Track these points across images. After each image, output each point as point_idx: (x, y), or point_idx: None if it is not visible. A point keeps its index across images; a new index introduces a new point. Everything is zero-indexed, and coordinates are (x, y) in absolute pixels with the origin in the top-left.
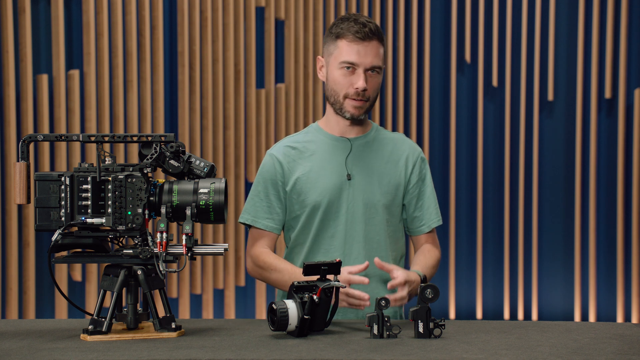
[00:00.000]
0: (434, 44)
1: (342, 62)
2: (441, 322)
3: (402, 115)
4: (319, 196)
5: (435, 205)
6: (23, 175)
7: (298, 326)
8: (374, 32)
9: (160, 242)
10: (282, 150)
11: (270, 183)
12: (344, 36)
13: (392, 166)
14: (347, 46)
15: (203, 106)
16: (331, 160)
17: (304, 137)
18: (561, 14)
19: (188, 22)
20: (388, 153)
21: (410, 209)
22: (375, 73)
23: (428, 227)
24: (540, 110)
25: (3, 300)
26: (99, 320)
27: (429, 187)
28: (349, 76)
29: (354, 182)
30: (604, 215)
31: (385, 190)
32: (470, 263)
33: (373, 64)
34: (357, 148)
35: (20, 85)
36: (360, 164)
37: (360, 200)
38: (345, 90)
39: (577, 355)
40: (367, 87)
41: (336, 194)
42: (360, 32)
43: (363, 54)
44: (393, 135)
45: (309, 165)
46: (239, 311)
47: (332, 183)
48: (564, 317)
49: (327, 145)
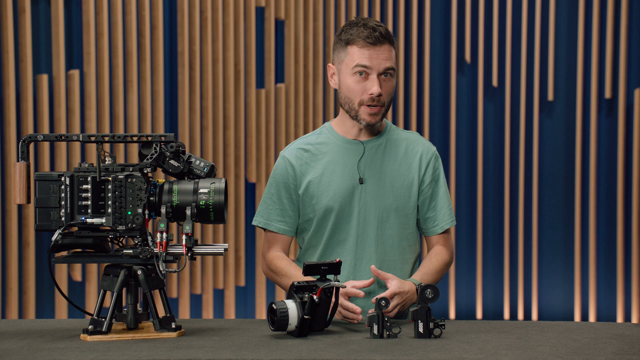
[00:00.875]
0: (434, 44)
1: (354, 66)
2: (441, 322)
3: (402, 115)
4: (331, 200)
5: (449, 206)
6: (23, 175)
7: (298, 326)
8: (384, 35)
9: (160, 242)
10: (294, 153)
11: (282, 186)
12: (355, 42)
13: (406, 167)
14: (359, 51)
15: (203, 106)
16: (343, 163)
17: (316, 138)
18: (561, 14)
19: (188, 22)
20: (402, 154)
21: (423, 209)
22: (388, 76)
23: (441, 228)
24: (540, 110)
25: (3, 300)
26: (99, 320)
27: (442, 188)
28: (363, 82)
29: (366, 185)
30: (604, 215)
31: (398, 193)
32: (470, 263)
33: (386, 66)
34: (369, 151)
35: (20, 85)
36: (372, 167)
37: (372, 204)
38: (359, 97)
39: (577, 355)
40: (382, 92)
41: (348, 197)
42: (370, 37)
43: (375, 58)
44: (407, 135)
45: (321, 169)
46: (239, 311)
47: (344, 187)
48: (564, 317)
49: (339, 148)
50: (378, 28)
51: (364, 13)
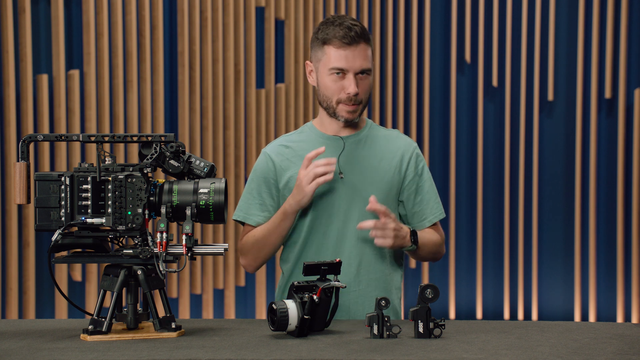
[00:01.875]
0: (434, 44)
1: (331, 68)
2: (441, 322)
3: (402, 115)
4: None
5: (436, 200)
6: (23, 175)
7: (298, 326)
8: (360, 35)
9: (160, 242)
10: (275, 149)
11: (263, 181)
12: (331, 42)
13: (387, 163)
14: (335, 52)
15: (203, 106)
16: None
17: (298, 136)
18: (561, 14)
19: (188, 22)
20: (382, 150)
21: (409, 204)
22: (365, 75)
23: (429, 221)
24: (540, 110)
25: (3, 300)
26: (99, 320)
27: (427, 182)
28: (340, 81)
29: (346, 180)
30: (604, 215)
31: (379, 187)
32: (470, 263)
33: (362, 67)
34: (350, 146)
35: (20, 85)
36: (353, 162)
37: (352, 198)
38: (337, 95)
39: (577, 355)
40: (359, 91)
41: (328, 192)
42: (346, 37)
43: (352, 59)
44: (388, 131)
45: (299, 164)
46: (239, 311)
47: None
48: (564, 317)
49: (319, 144)
50: (354, 27)
51: (363, 13)
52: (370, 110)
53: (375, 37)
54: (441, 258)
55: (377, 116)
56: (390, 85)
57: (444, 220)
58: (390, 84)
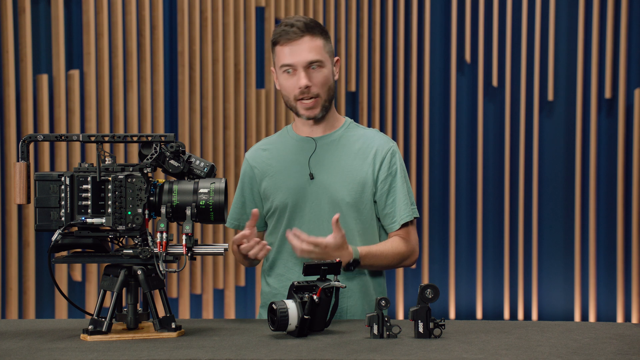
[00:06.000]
0: (434, 44)
1: (281, 66)
2: (441, 322)
3: (402, 115)
4: (284, 197)
5: (406, 201)
6: (23, 175)
7: (298, 326)
8: (302, 29)
9: (160, 242)
10: (254, 154)
11: (247, 186)
12: (278, 42)
13: (360, 162)
14: (281, 50)
15: (203, 106)
16: (294, 160)
17: (277, 138)
18: (561, 14)
19: (188, 22)
20: (356, 150)
21: (381, 205)
22: (317, 68)
23: (398, 223)
24: (540, 110)
25: (3, 300)
26: (99, 320)
27: (399, 182)
28: (292, 78)
29: (317, 181)
30: (604, 215)
31: (351, 187)
32: (470, 263)
33: (308, 60)
34: (321, 147)
35: (20, 85)
36: (324, 163)
37: (324, 198)
38: (292, 93)
39: (577, 355)
40: (311, 83)
41: (300, 194)
42: (288, 33)
43: (297, 53)
44: (365, 131)
45: (275, 167)
46: (239, 311)
47: (295, 183)
48: (564, 317)
49: (292, 146)
50: (296, 23)
51: (363, 13)
52: (370, 111)
53: (375, 37)
54: (413, 264)
55: (377, 116)
56: (390, 85)
57: (444, 221)
58: (390, 84)
